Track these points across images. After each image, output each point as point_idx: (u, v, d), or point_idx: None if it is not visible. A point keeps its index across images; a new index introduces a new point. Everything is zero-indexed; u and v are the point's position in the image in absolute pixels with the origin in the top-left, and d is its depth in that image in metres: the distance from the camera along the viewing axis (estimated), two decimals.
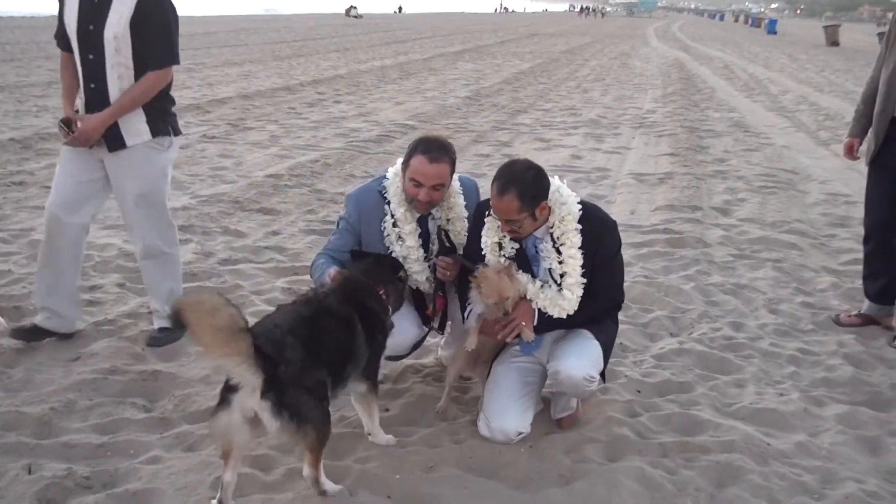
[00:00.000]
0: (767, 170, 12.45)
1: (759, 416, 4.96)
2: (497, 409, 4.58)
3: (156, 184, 5.51)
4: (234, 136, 14.34)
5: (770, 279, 7.51)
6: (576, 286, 4.50)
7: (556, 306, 4.52)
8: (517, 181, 4.33)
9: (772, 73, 29.45)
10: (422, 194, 4.63)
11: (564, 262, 4.50)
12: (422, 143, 4.69)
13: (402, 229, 4.76)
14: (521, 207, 4.33)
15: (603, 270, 4.56)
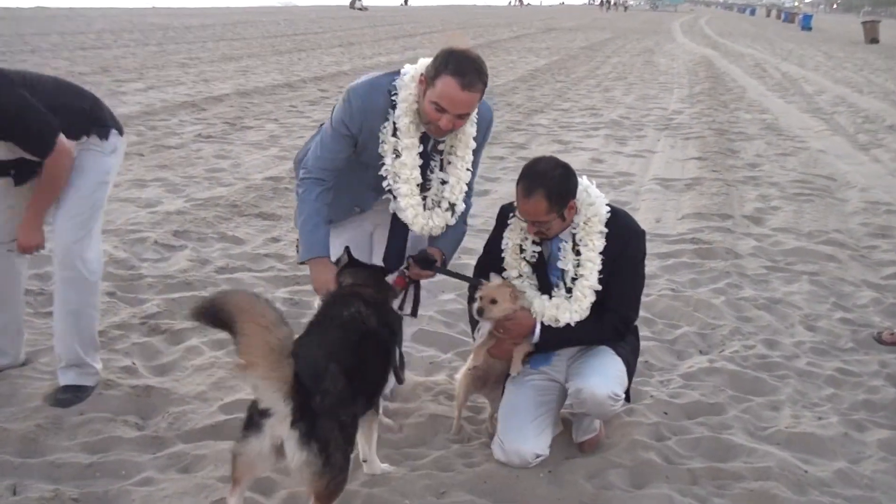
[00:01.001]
0: (803, 176, 12.43)
1: (795, 441, 4.94)
2: (512, 431, 4.57)
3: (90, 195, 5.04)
4: (231, 135, 14.39)
5: (806, 293, 7.49)
6: (588, 290, 4.49)
7: (565, 311, 4.50)
8: (544, 180, 4.34)
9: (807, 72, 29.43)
10: (444, 121, 4.35)
11: (582, 265, 4.49)
12: (453, 60, 4.29)
13: (402, 142, 4.47)
14: (550, 208, 4.33)
15: (620, 278, 4.52)
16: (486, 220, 9.21)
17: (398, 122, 4.44)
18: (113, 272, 7.32)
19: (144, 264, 7.64)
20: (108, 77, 21.28)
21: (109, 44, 31.74)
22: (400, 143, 4.46)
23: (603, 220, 4.51)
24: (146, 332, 6.18)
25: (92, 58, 25.81)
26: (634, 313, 4.75)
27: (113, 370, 5.49)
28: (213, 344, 6.03)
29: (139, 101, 17.63)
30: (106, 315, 6.44)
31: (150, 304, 6.67)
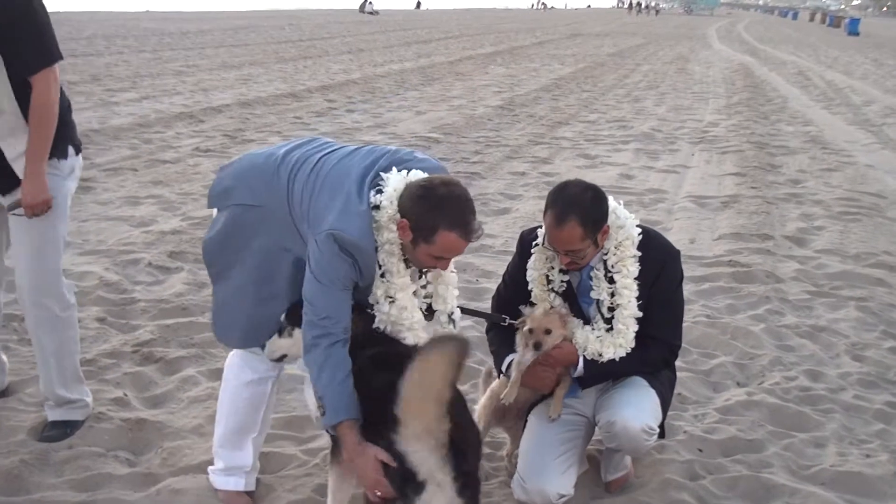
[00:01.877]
0: (849, 193, 12.40)
1: (841, 481, 4.92)
2: (534, 468, 4.56)
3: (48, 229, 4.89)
4: (231, 149, 14.47)
5: (853, 321, 7.47)
6: (630, 320, 4.51)
7: (609, 345, 4.52)
8: (576, 206, 4.33)
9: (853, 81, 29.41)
10: (442, 265, 4.18)
11: (618, 293, 4.50)
12: (447, 214, 3.98)
13: (394, 284, 4.16)
14: (585, 234, 4.34)
15: (660, 307, 4.56)
16: (507, 241, 9.27)
17: (385, 265, 4.13)
18: (104, 296, 7.37)
19: (137, 288, 7.69)
20: (99, 86, 21.46)
21: (101, 50, 32.04)
22: (392, 285, 4.16)
23: (635, 243, 4.52)
24: (139, 361, 6.22)
25: (82, 65, 26.04)
26: (679, 341, 4.76)
27: (103, 402, 5.52)
28: (211, 374, 6.06)
29: (133, 111, 17.76)
30: (96, 342, 6.49)
31: (143, 331, 6.71)
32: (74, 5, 75.41)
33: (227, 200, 4.36)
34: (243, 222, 4.30)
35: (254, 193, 4.27)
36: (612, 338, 4.51)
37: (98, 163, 12.83)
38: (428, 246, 3.99)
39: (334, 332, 3.98)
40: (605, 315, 4.55)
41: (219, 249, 4.39)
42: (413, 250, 4.06)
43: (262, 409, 4.59)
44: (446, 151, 14.60)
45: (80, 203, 10.53)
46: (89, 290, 7.47)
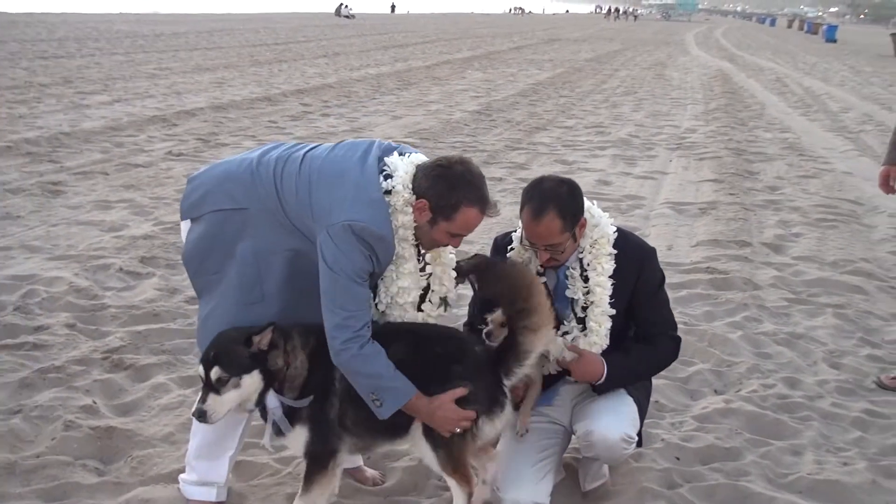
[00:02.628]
0: (827, 200, 12.47)
1: (819, 490, 4.94)
2: (510, 478, 4.54)
3: None
4: (204, 153, 14.40)
5: (831, 328, 7.50)
6: (602, 317, 4.51)
7: (585, 346, 4.52)
8: (553, 199, 4.35)
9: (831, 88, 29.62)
10: (454, 242, 4.28)
11: (591, 290, 4.51)
12: (468, 191, 4.12)
13: (402, 267, 4.26)
14: (563, 227, 4.35)
15: (651, 305, 4.61)
16: (483, 248, 9.22)
17: (399, 249, 4.20)
18: (73, 302, 7.31)
19: (108, 293, 7.63)
20: (70, 89, 21.33)
21: (73, 53, 31.85)
22: (400, 269, 4.26)
23: (611, 241, 4.54)
24: (108, 368, 6.17)
25: (53, 68, 25.89)
26: (676, 330, 4.81)
27: (72, 409, 5.47)
28: (182, 381, 6.02)
29: (104, 115, 17.66)
30: (65, 349, 6.43)
31: (113, 338, 6.66)
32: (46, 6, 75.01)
33: (204, 209, 4.30)
34: (225, 228, 4.25)
35: (233, 198, 4.24)
36: (586, 337, 4.51)
37: (68, 166, 12.75)
38: (448, 223, 4.12)
39: (361, 333, 3.99)
40: (579, 314, 4.55)
41: (201, 259, 4.32)
42: (430, 230, 4.15)
43: (241, 425, 4.55)
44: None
45: (50, 207, 10.46)
46: (59, 295, 7.41)
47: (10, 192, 10.99)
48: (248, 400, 4.09)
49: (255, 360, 4.03)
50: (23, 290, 7.47)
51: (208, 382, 3.98)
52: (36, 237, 9.20)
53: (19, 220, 9.87)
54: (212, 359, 3.99)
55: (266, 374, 4.06)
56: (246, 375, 4.01)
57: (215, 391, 3.98)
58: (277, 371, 4.09)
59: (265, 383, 4.07)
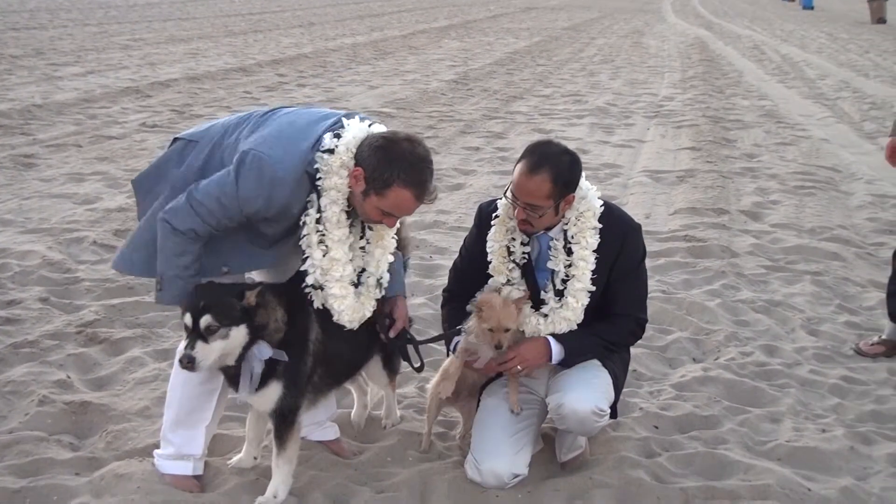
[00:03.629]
0: (804, 167, 12.49)
1: (797, 457, 4.95)
2: (487, 449, 4.55)
3: None
4: (179, 124, 14.27)
5: (809, 295, 7.52)
6: (582, 293, 4.50)
7: (560, 321, 4.51)
8: (553, 162, 4.33)
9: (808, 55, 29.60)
10: (388, 221, 4.24)
11: (574, 264, 4.49)
12: (405, 170, 4.04)
13: (331, 234, 4.18)
14: (552, 192, 4.32)
15: (625, 282, 4.58)
16: (460, 217, 9.23)
17: (326, 212, 4.14)
18: (46, 275, 7.24)
19: (81, 267, 7.56)
20: (42, 60, 21.09)
21: (45, 24, 31.47)
22: (329, 235, 4.18)
23: (597, 215, 4.52)
24: (83, 342, 6.12)
25: (25, 39, 25.58)
26: (645, 315, 4.80)
27: (45, 384, 5.42)
28: (157, 354, 5.98)
29: (77, 86, 17.48)
30: (38, 323, 6.38)
31: (87, 311, 6.60)
32: None
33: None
34: (172, 155, 4.39)
35: (197, 131, 4.44)
36: (563, 312, 4.49)
37: (41, 139, 12.62)
38: (379, 199, 4.05)
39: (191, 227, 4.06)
40: (558, 287, 4.53)
41: (144, 178, 4.45)
42: (362, 202, 4.10)
43: (215, 394, 4.52)
44: (399, 126, 14.48)
45: (23, 180, 10.35)
46: (32, 269, 7.34)
47: None
48: (230, 354, 4.10)
49: (244, 314, 4.07)
50: None
51: (196, 330, 3.99)
52: (8, 210, 9.10)
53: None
54: (202, 308, 4.00)
55: (251, 329, 4.10)
56: (234, 328, 4.04)
57: (203, 339, 4.00)
58: (260, 327, 4.13)
59: (249, 339, 4.11)
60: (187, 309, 4.03)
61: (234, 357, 4.13)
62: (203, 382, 4.43)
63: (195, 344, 3.99)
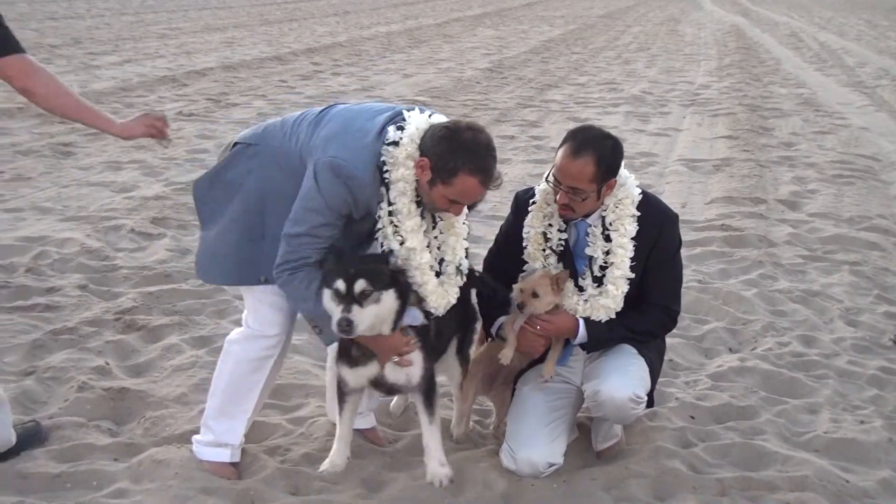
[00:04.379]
0: (843, 156, 12.37)
1: (835, 448, 4.91)
2: (523, 438, 4.54)
3: None
4: (215, 113, 14.36)
5: (847, 285, 7.46)
6: (621, 281, 4.49)
7: (598, 308, 4.50)
8: (597, 146, 4.33)
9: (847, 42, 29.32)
10: (456, 209, 4.25)
11: (612, 251, 4.48)
12: (470, 158, 4.07)
13: (405, 225, 4.22)
14: (595, 176, 4.31)
15: (659, 271, 4.55)
16: (495, 206, 9.21)
17: (397, 204, 4.18)
18: (85, 263, 7.31)
19: (119, 254, 7.62)
20: (80, 49, 21.25)
21: (82, 13, 31.71)
22: (402, 226, 4.22)
23: (635, 203, 4.51)
24: (121, 329, 6.17)
25: (63, 28, 25.79)
26: (678, 306, 4.77)
27: (84, 371, 5.47)
28: (194, 342, 6.02)
29: (114, 75, 17.59)
30: (77, 310, 6.44)
31: (125, 299, 6.65)
32: None
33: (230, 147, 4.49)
34: (237, 161, 4.36)
35: (253, 134, 4.42)
36: (602, 299, 4.48)
37: (79, 127, 12.69)
38: (445, 188, 4.08)
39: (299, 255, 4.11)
40: (596, 273, 4.52)
41: (208, 186, 4.45)
42: (429, 191, 4.14)
43: (260, 386, 4.55)
44: None
45: (61, 168, 10.45)
46: (70, 257, 7.41)
47: (21, 154, 10.97)
48: (383, 320, 4.15)
49: (393, 279, 4.12)
50: (34, 252, 7.46)
51: (350, 295, 4.02)
52: (47, 198, 9.19)
53: (30, 181, 9.85)
54: (354, 273, 4.05)
55: (400, 294, 4.16)
56: (385, 292, 4.09)
57: (358, 304, 4.04)
58: (407, 293, 4.21)
59: (399, 304, 4.17)
60: (338, 275, 4.06)
61: (388, 325, 4.18)
62: (252, 372, 4.48)
63: (351, 308, 4.02)
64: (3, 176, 9.97)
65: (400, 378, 4.37)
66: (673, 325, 4.80)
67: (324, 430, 4.96)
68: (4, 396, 4.55)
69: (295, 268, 4.13)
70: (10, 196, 9.23)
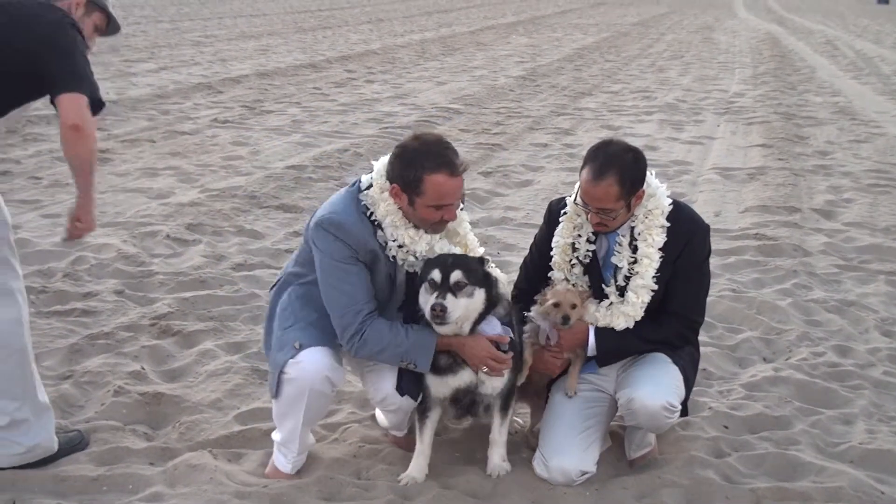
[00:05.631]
0: (879, 165, 12.28)
1: (870, 459, 4.87)
2: (555, 445, 4.54)
3: None
4: (249, 120, 14.46)
5: (883, 295, 7.39)
6: (643, 290, 4.47)
7: (619, 315, 4.50)
8: (617, 164, 4.32)
9: (883, 50, 29.08)
10: (446, 213, 4.34)
11: (639, 261, 4.47)
12: (425, 159, 4.22)
13: (417, 251, 4.37)
14: (621, 194, 4.32)
15: (684, 280, 4.53)
16: (528, 214, 9.23)
17: (398, 238, 4.34)
18: (121, 268, 7.38)
19: (155, 260, 7.69)
20: (117, 57, 21.45)
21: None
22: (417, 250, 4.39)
23: (665, 213, 4.50)
24: (156, 334, 6.22)
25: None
26: (700, 317, 4.74)
27: (121, 375, 5.53)
28: (229, 347, 6.06)
29: (150, 82, 17.76)
30: (114, 315, 6.50)
31: (160, 304, 6.71)
32: None
33: None
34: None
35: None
36: (622, 307, 4.48)
37: (116, 134, 12.85)
38: (422, 198, 4.23)
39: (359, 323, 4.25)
40: (620, 283, 4.52)
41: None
42: (413, 211, 4.29)
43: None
44: (467, 122, 14.55)
45: (99, 175, 10.45)
46: (107, 262, 7.49)
47: (59, 160, 11.06)
48: (468, 318, 4.28)
49: (486, 279, 4.33)
50: (72, 257, 7.55)
51: (445, 284, 4.19)
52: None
53: (68, 187, 9.92)
54: (452, 264, 4.24)
55: (489, 296, 4.33)
56: (478, 289, 4.25)
57: (452, 293, 4.17)
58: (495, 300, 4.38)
59: (485, 307, 4.33)
60: (435, 265, 4.22)
61: (470, 324, 4.30)
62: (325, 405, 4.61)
63: (446, 296, 4.16)
64: (42, 182, 10.09)
65: (486, 388, 4.45)
66: (693, 336, 4.76)
67: (357, 436, 4.98)
68: (48, 403, 4.61)
69: (360, 329, 4.27)
70: (48, 202, 9.35)
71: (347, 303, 4.27)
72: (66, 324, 6.32)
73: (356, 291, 4.29)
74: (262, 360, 5.72)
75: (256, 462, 4.72)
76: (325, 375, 4.32)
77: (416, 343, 4.30)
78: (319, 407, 4.50)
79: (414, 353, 4.30)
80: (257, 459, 4.74)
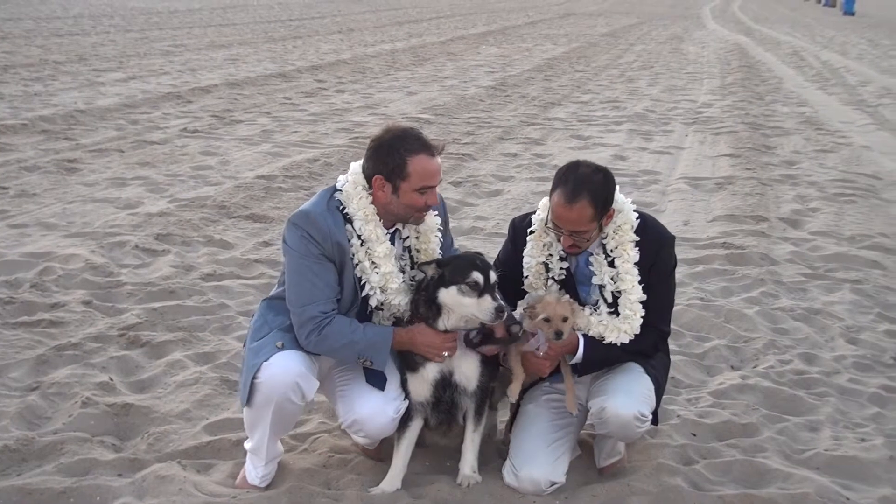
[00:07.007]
0: (844, 174, 12.39)
1: (836, 466, 4.92)
2: (525, 455, 4.56)
3: None
4: (219, 130, 14.41)
5: (848, 303, 7.47)
6: (637, 306, 4.52)
7: (615, 330, 4.53)
8: (588, 186, 4.35)
9: (849, 61, 29.36)
10: (429, 198, 4.43)
11: (620, 278, 4.51)
12: (404, 143, 4.35)
13: (375, 252, 4.45)
14: (594, 215, 4.35)
15: (653, 293, 4.57)
16: (498, 223, 9.25)
17: (364, 233, 4.44)
18: (89, 279, 7.33)
19: (123, 271, 7.65)
20: (85, 66, 21.34)
21: (87, 30, 31.82)
22: (374, 253, 4.47)
23: (633, 227, 4.54)
24: (125, 345, 6.19)
25: (68, 45, 25.88)
26: (668, 327, 4.79)
27: (89, 386, 5.50)
28: (198, 358, 6.04)
29: (119, 92, 17.66)
30: (82, 326, 6.46)
31: (129, 315, 6.68)
32: None
33: None
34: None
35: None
36: (618, 323, 4.51)
37: (84, 144, 12.78)
38: (407, 182, 4.34)
39: (315, 317, 4.32)
40: (609, 300, 4.54)
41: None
42: (398, 200, 4.39)
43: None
44: (437, 132, 14.56)
45: (66, 184, 10.49)
46: (75, 272, 7.44)
47: (26, 170, 11.02)
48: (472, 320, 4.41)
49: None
50: (39, 268, 7.50)
51: (488, 285, 4.31)
52: (52, 214, 9.23)
53: (35, 197, 9.90)
54: (486, 265, 4.39)
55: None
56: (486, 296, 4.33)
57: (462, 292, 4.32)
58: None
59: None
60: (471, 268, 4.31)
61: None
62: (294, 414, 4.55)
63: (496, 296, 4.31)
64: (8, 192, 10.01)
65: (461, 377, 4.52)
66: (664, 345, 4.83)
67: (327, 446, 4.98)
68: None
69: (319, 326, 4.33)
70: (15, 212, 9.27)
71: (308, 299, 4.33)
72: (34, 335, 6.28)
73: (318, 289, 4.35)
74: (231, 371, 5.71)
75: (226, 473, 4.71)
76: (296, 382, 4.31)
77: (372, 340, 4.37)
78: (287, 415, 4.47)
79: (371, 350, 4.37)
80: (226, 470, 4.73)
